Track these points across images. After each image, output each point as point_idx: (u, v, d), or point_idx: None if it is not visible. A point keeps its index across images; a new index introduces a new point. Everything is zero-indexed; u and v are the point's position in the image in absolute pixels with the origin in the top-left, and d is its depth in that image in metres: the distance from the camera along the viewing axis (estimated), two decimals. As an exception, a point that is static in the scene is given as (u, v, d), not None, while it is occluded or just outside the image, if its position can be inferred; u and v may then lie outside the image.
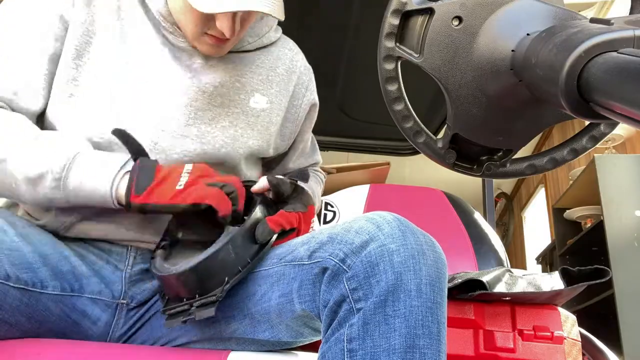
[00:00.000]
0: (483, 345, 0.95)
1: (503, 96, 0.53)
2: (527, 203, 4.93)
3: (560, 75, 0.37)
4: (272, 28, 0.97)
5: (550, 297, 0.96)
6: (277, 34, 0.99)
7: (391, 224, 0.62)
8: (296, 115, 1.01)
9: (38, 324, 0.71)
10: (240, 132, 0.89)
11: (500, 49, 0.51)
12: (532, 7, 0.51)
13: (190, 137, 0.84)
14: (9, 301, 0.66)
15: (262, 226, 0.74)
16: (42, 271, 0.71)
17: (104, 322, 0.78)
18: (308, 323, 0.70)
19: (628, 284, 2.42)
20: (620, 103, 0.32)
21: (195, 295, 0.69)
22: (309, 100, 1.03)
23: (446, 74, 0.54)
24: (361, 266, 0.60)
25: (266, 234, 0.73)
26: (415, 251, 0.60)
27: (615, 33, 0.36)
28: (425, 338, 0.56)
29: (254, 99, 0.92)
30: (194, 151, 0.84)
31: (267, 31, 0.96)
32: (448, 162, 0.61)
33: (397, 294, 0.57)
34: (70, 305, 0.74)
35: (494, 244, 1.63)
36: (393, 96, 0.59)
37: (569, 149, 0.60)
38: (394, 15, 0.55)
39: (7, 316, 0.66)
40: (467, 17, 0.53)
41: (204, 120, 0.86)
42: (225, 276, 0.68)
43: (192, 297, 0.69)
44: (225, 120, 0.88)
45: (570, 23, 0.45)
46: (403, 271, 0.58)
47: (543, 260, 4.01)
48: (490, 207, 1.95)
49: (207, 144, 0.85)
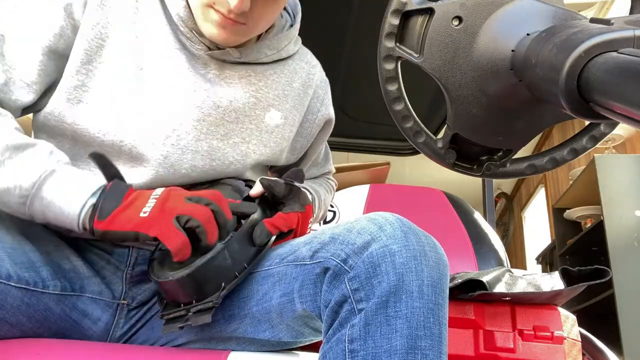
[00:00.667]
0: (483, 345, 0.95)
1: (503, 96, 0.53)
2: (527, 203, 4.93)
3: (560, 75, 0.37)
4: (292, 41, 0.94)
5: (550, 297, 0.96)
6: (296, 47, 0.96)
7: (393, 224, 0.62)
8: (309, 130, 0.99)
9: (39, 324, 0.71)
10: (253, 148, 0.88)
11: (500, 49, 0.51)
12: (532, 7, 0.51)
13: (200, 152, 0.82)
14: (10, 301, 0.66)
15: (260, 228, 0.73)
16: (44, 270, 0.71)
17: (104, 322, 0.78)
18: (309, 323, 0.70)
19: (628, 284, 2.42)
20: (620, 103, 0.32)
21: (193, 301, 0.68)
22: (324, 116, 1.00)
23: (446, 74, 0.54)
24: (363, 267, 0.60)
25: (264, 236, 0.73)
26: (417, 252, 0.60)
27: (615, 33, 0.36)
28: (427, 339, 0.56)
29: (269, 115, 0.89)
30: (202, 167, 0.83)
31: (286, 44, 0.92)
32: (448, 162, 0.61)
33: (399, 295, 0.57)
34: (71, 305, 0.74)
35: (494, 244, 1.63)
36: (393, 96, 0.59)
37: (569, 149, 0.60)
38: (394, 15, 0.55)
39: (8, 316, 0.66)
40: (467, 17, 0.53)
41: (216, 136, 0.84)
42: (222, 281, 0.68)
43: (189, 302, 0.68)
44: (238, 136, 0.86)
45: (570, 23, 0.45)
46: (405, 272, 0.58)
47: (543, 260, 4.01)
48: (490, 207, 1.95)
49: (216, 160, 0.84)
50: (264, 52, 0.89)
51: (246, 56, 0.86)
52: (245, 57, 0.86)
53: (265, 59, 0.89)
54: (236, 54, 0.85)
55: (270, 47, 0.90)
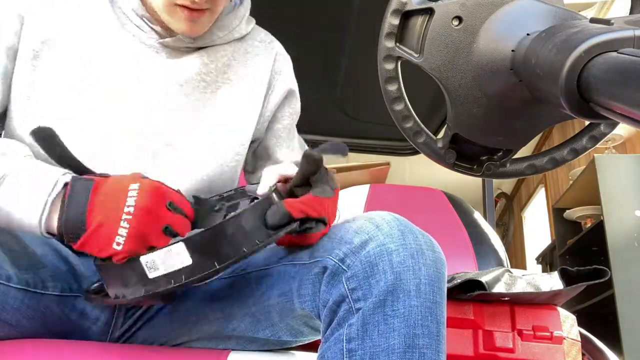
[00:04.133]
0: (482, 345, 0.95)
1: (503, 96, 0.53)
2: (527, 203, 4.93)
3: (560, 75, 0.37)
4: (244, 20, 0.92)
5: (549, 297, 0.96)
6: (249, 27, 0.94)
7: (390, 223, 0.62)
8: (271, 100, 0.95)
9: (38, 325, 0.71)
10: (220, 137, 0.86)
11: (500, 49, 0.51)
12: (532, 7, 0.51)
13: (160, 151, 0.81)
14: (10, 302, 0.66)
15: (276, 207, 0.61)
16: (43, 272, 0.71)
17: (103, 322, 0.78)
18: (308, 322, 0.70)
19: (628, 284, 2.42)
20: (620, 103, 0.32)
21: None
22: (284, 86, 0.96)
23: (446, 74, 0.54)
24: (360, 266, 0.60)
25: (280, 216, 0.61)
26: (415, 251, 0.60)
27: (615, 33, 0.36)
28: (425, 338, 0.56)
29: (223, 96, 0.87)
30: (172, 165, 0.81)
31: (237, 24, 0.90)
32: (448, 162, 0.61)
33: (397, 294, 0.57)
34: (70, 305, 0.74)
35: (494, 244, 1.63)
36: (393, 96, 0.59)
37: (569, 149, 0.60)
38: (394, 15, 0.55)
39: (9, 317, 0.66)
40: (467, 17, 0.53)
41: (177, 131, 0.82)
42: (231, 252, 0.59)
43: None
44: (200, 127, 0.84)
45: (570, 23, 0.45)
46: (402, 271, 0.58)
47: (543, 260, 4.01)
48: (490, 207, 1.95)
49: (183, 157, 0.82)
50: (216, 33, 0.87)
51: (198, 40, 0.85)
52: (197, 41, 0.85)
53: (218, 41, 0.88)
54: (188, 40, 0.84)
55: (222, 27, 0.88)
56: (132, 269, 0.59)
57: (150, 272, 0.59)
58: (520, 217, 5.12)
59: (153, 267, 0.58)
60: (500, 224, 5.26)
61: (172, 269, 0.58)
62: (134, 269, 0.59)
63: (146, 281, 0.59)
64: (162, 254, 0.58)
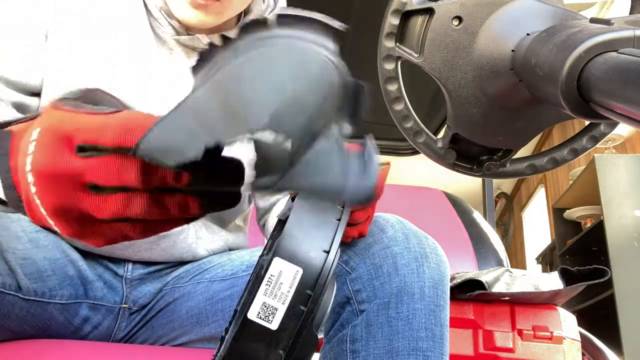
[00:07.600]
0: (482, 345, 0.95)
1: (503, 96, 0.53)
2: (527, 203, 4.93)
3: (560, 75, 0.37)
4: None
5: (549, 297, 0.96)
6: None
7: (394, 226, 0.62)
8: None
9: (41, 331, 0.71)
10: None
11: (500, 49, 0.51)
12: (532, 7, 0.51)
13: None
14: (16, 312, 0.66)
15: None
16: (52, 280, 0.71)
17: (105, 327, 0.78)
18: (309, 322, 0.70)
19: (628, 284, 2.42)
20: (620, 103, 0.32)
21: None
22: None
23: (446, 74, 0.54)
24: (365, 268, 0.60)
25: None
26: (419, 254, 0.60)
27: (615, 33, 0.36)
28: (429, 341, 0.56)
29: None
30: None
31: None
32: (448, 162, 0.61)
33: (401, 297, 0.57)
34: (74, 311, 0.74)
35: (494, 244, 1.63)
36: (393, 96, 0.59)
37: (569, 149, 0.60)
38: (394, 15, 0.55)
39: (13, 325, 0.67)
40: (467, 17, 0.53)
41: None
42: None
43: None
44: None
45: (570, 23, 0.45)
46: (407, 274, 0.58)
47: (543, 260, 4.01)
48: (490, 207, 1.95)
49: None
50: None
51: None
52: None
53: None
54: (206, 41, 0.78)
55: None
56: (250, 339, 0.37)
57: (271, 323, 0.37)
58: (520, 217, 5.12)
59: (270, 314, 0.37)
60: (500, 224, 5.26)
61: (288, 299, 0.37)
62: (251, 338, 0.37)
63: (273, 339, 0.37)
64: (264, 287, 0.37)
